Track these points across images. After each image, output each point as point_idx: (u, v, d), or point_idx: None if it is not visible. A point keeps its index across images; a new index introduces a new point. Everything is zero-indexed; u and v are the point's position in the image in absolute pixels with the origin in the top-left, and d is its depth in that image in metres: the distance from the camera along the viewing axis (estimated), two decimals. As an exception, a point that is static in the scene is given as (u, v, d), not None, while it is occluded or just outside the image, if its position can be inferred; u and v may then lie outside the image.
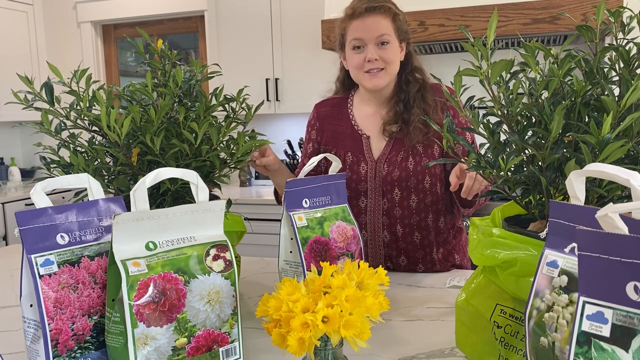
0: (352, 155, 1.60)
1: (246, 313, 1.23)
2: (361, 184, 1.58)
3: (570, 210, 0.68)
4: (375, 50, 1.48)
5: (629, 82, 0.81)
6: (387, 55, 1.49)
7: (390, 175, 1.54)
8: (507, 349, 0.88)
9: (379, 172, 1.56)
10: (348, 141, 1.61)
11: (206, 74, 1.30)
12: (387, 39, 1.48)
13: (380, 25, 1.48)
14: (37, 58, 4.14)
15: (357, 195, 1.59)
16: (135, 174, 1.15)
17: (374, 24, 1.48)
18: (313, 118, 1.70)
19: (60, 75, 1.15)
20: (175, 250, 0.86)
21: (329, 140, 1.65)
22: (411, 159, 1.54)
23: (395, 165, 1.54)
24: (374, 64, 1.49)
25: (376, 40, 1.48)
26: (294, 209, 1.17)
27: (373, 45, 1.48)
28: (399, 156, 1.55)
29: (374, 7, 1.49)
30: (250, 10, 3.51)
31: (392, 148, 1.56)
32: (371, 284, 0.82)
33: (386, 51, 1.49)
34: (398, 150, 1.55)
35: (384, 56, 1.49)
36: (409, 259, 1.59)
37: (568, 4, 2.59)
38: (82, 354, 0.84)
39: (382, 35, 1.48)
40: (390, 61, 1.50)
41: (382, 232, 1.58)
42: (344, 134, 1.63)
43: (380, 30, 1.48)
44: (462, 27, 0.93)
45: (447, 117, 0.97)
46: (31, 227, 0.81)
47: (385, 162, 1.56)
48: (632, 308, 0.54)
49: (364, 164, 1.58)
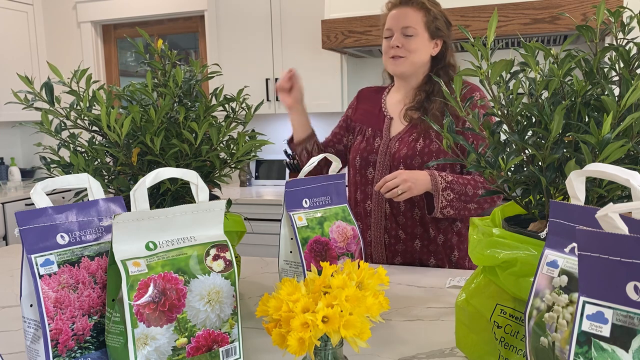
0: (371, 130, 1.74)
1: (246, 313, 1.23)
2: (372, 155, 1.69)
3: (570, 210, 0.68)
4: (399, 38, 1.60)
5: (629, 82, 0.81)
6: (410, 44, 1.60)
7: (398, 152, 1.64)
8: (507, 349, 0.88)
9: (390, 149, 1.66)
10: (373, 119, 1.76)
11: (206, 74, 1.30)
12: (412, 32, 1.59)
13: (408, 16, 1.60)
14: (37, 58, 4.14)
15: (366, 164, 1.70)
16: (135, 174, 1.15)
17: (403, 15, 1.61)
18: (354, 99, 1.87)
19: (60, 75, 1.15)
20: (175, 250, 0.86)
21: (359, 117, 1.80)
22: (421, 141, 1.62)
23: (405, 144, 1.64)
24: (397, 50, 1.61)
25: (402, 30, 1.60)
26: (294, 209, 1.17)
27: (399, 34, 1.60)
28: (411, 137, 1.64)
29: (407, 0, 1.61)
30: (250, 10, 3.51)
31: (408, 130, 1.67)
32: (371, 284, 0.82)
33: (410, 41, 1.60)
34: (412, 132, 1.65)
35: (407, 45, 1.60)
36: (407, 234, 1.66)
37: (568, 4, 2.59)
38: (82, 354, 0.84)
39: (408, 27, 1.59)
40: (412, 50, 1.61)
41: (384, 205, 1.67)
42: (372, 113, 1.77)
43: (407, 21, 1.60)
44: (462, 27, 0.93)
45: (447, 117, 0.97)
46: (31, 227, 0.81)
47: (398, 141, 1.66)
48: (632, 308, 0.54)
49: (379, 138, 1.71)
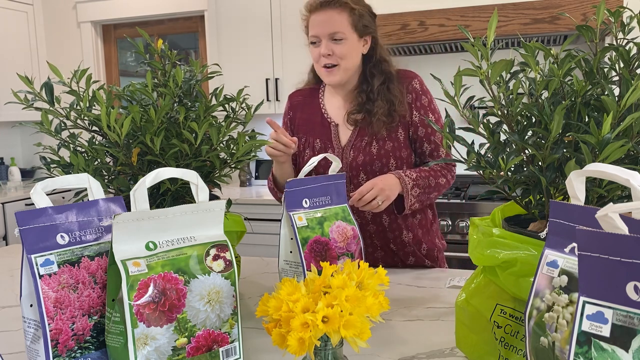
0: (320, 141, 1.64)
1: (246, 313, 1.23)
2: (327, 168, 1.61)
3: (570, 210, 0.68)
4: (328, 45, 1.52)
5: (629, 82, 0.81)
6: (341, 50, 1.52)
7: (355, 160, 1.59)
8: (507, 349, 0.88)
9: (345, 159, 1.60)
10: (318, 128, 1.66)
11: (206, 74, 1.30)
12: (340, 36, 1.51)
13: (333, 20, 1.51)
14: (37, 58, 4.14)
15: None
16: (135, 174, 1.15)
17: (328, 19, 1.51)
18: (287, 107, 1.75)
19: (60, 75, 1.15)
20: (175, 250, 0.86)
21: (300, 128, 1.69)
22: (374, 144, 1.58)
23: (359, 151, 1.59)
24: (328, 59, 1.53)
25: (329, 36, 1.52)
26: (294, 209, 1.17)
27: (326, 41, 1.52)
28: (363, 142, 1.59)
29: (328, 2, 1.52)
30: (250, 10, 3.51)
31: (357, 135, 1.60)
32: (371, 284, 0.82)
33: (340, 46, 1.52)
34: (362, 137, 1.59)
35: (337, 51, 1.52)
36: (380, 240, 1.63)
37: (568, 4, 2.59)
38: (82, 354, 0.84)
39: (336, 32, 1.51)
40: (343, 56, 1.53)
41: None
42: (314, 121, 1.67)
43: (334, 26, 1.51)
44: (462, 27, 0.93)
45: (447, 116, 0.97)
46: (31, 227, 0.81)
47: (352, 149, 1.60)
48: (632, 308, 0.54)
49: (331, 150, 1.62)
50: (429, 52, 3.19)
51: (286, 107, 1.76)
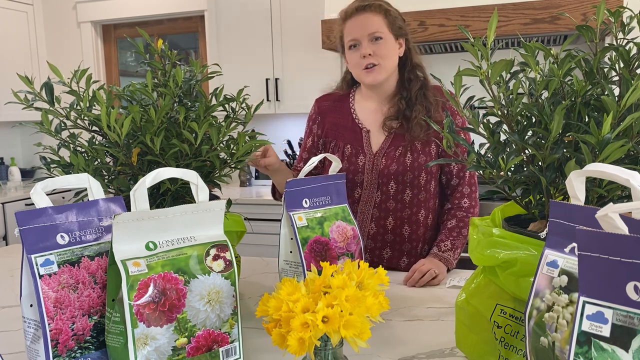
0: (351, 147, 1.63)
1: (246, 313, 1.23)
2: (358, 175, 1.62)
3: (570, 210, 0.68)
4: (369, 45, 1.54)
5: (629, 82, 0.81)
6: (381, 50, 1.54)
7: (387, 168, 1.58)
8: (507, 349, 0.88)
9: (377, 165, 1.60)
10: (348, 134, 1.65)
11: (206, 74, 1.30)
12: (379, 35, 1.54)
13: (371, 21, 1.54)
14: (37, 58, 4.14)
15: (352, 186, 1.62)
16: (135, 174, 1.15)
17: (366, 21, 1.54)
18: (314, 112, 1.74)
19: (60, 75, 1.15)
20: (175, 250, 0.86)
21: (329, 132, 1.68)
22: (409, 155, 1.58)
23: (393, 159, 1.58)
24: (369, 59, 1.54)
25: (369, 37, 1.54)
26: (294, 209, 1.17)
27: (367, 42, 1.54)
28: (397, 151, 1.59)
29: (364, 6, 1.55)
30: (250, 10, 3.51)
31: (391, 143, 1.60)
32: (371, 284, 0.82)
33: (380, 46, 1.54)
34: (397, 145, 1.59)
35: (378, 51, 1.54)
36: (393, 252, 1.63)
37: (568, 4, 2.59)
38: (82, 354, 0.84)
39: (375, 32, 1.53)
40: (384, 56, 1.55)
41: (369, 224, 1.62)
42: (344, 126, 1.66)
43: (372, 26, 1.53)
44: (462, 27, 0.93)
45: (447, 116, 0.97)
46: (31, 227, 0.81)
47: (384, 156, 1.59)
48: (632, 308, 0.54)
49: (362, 156, 1.61)
50: (429, 52, 3.19)
51: (312, 112, 1.74)
